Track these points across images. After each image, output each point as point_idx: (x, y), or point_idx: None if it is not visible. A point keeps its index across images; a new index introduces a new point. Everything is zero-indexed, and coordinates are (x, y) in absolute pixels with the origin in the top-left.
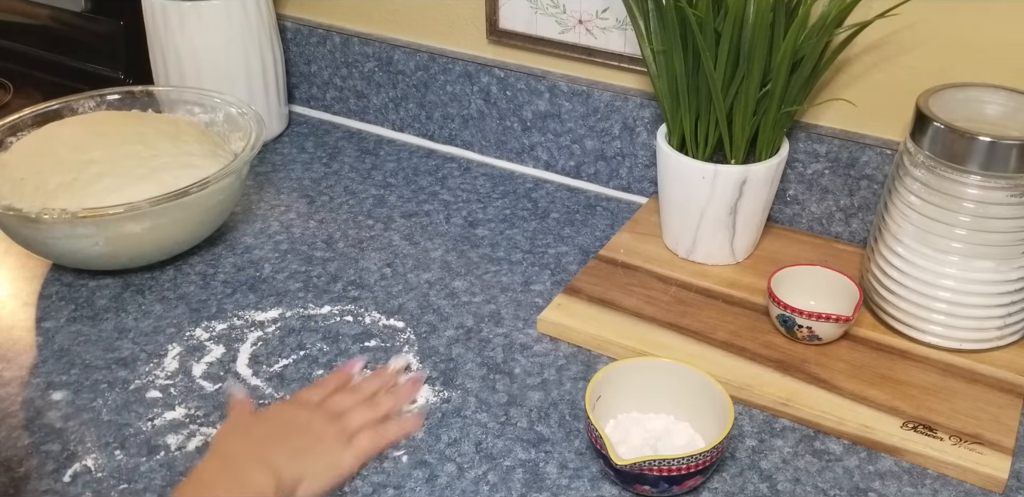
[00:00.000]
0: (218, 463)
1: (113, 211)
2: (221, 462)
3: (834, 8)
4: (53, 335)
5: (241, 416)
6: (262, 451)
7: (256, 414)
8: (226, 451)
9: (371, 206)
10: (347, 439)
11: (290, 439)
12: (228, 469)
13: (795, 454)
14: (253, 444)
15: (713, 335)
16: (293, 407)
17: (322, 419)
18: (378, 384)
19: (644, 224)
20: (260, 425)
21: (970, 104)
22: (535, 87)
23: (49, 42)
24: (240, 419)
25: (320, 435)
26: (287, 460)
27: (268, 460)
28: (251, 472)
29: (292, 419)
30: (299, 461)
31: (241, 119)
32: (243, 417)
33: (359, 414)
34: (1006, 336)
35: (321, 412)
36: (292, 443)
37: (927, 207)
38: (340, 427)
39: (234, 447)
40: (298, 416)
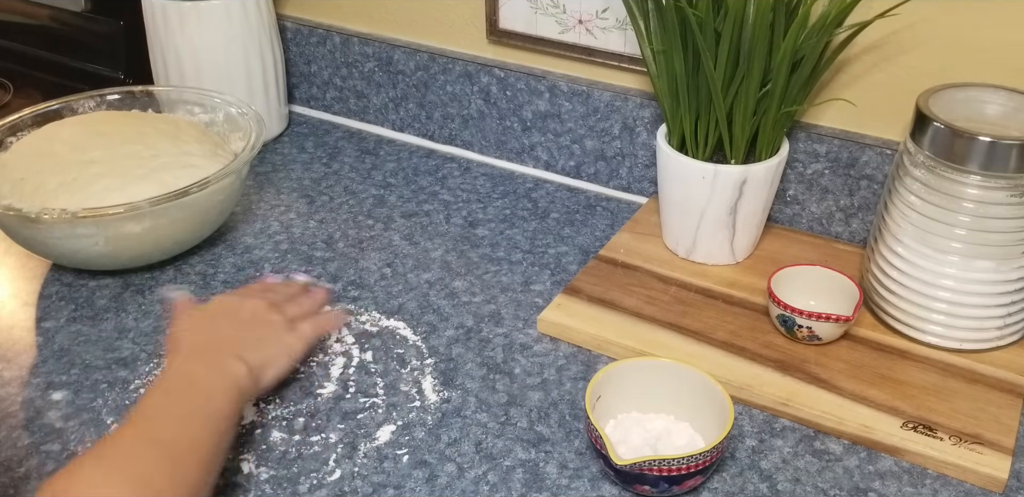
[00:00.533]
0: (191, 357)
1: (113, 211)
2: (194, 355)
3: (834, 8)
4: (53, 335)
5: (189, 314)
6: (228, 343)
7: (202, 310)
8: (191, 346)
9: (371, 206)
10: (291, 326)
11: (246, 330)
12: (204, 359)
13: (795, 454)
14: (217, 339)
15: (713, 335)
16: (235, 299)
17: (265, 309)
18: (296, 289)
19: (644, 224)
20: (213, 321)
21: (970, 104)
22: (535, 87)
23: (49, 42)
24: (189, 318)
25: (268, 324)
26: (251, 350)
27: (235, 350)
28: (227, 361)
29: (238, 311)
30: (260, 349)
31: (241, 119)
32: (191, 315)
33: (292, 306)
34: (1006, 336)
35: (262, 303)
36: (249, 333)
37: (927, 207)
38: (282, 316)
39: (199, 342)
40: (243, 307)
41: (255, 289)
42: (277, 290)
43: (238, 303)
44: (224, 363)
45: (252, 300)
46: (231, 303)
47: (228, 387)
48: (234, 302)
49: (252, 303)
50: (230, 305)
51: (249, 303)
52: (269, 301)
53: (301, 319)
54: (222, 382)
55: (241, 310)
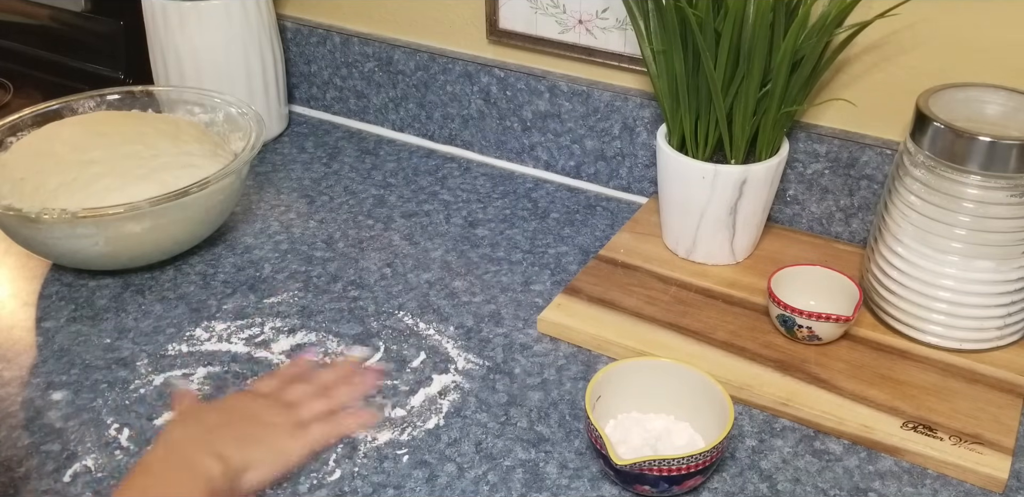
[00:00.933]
0: (163, 452)
1: (113, 211)
2: (166, 451)
3: (834, 8)
4: (53, 335)
5: (186, 408)
6: (208, 438)
7: (203, 405)
8: (172, 440)
9: (371, 206)
10: (297, 428)
11: (237, 427)
12: (173, 456)
13: (795, 454)
14: (200, 432)
15: (713, 335)
16: (244, 398)
17: (272, 409)
18: (334, 375)
19: (644, 224)
20: (207, 415)
21: (970, 104)
22: (535, 87)
23: (49, 42)
24: (186, 411)
25: (268, 424)
26: (234, 448)
27: (214, 446)
28: (197, 457)
29: (241, 409)
30: (246, 449)
31: (241, 119)
32: (188, 409)
33: (312, 404)
34: (1006, 336)
35: (271, 401)
36: (239, 431)
37: (927, 207)
38: (290, 417)
39: (179, 436)
40: (248, 406)
41: (284, 376)
42: (310, 379)
43: (245, 402)
44: (194, 459)
45: (260, 399)
46: (237, 401)
47: (194, 489)
48: (241, 401)
49: (259, 402)
50: (235, 402)
51: (256, 402)
52: (283, 400)
53: (321, 419)
54: (186, 479)
55: (245, 408)
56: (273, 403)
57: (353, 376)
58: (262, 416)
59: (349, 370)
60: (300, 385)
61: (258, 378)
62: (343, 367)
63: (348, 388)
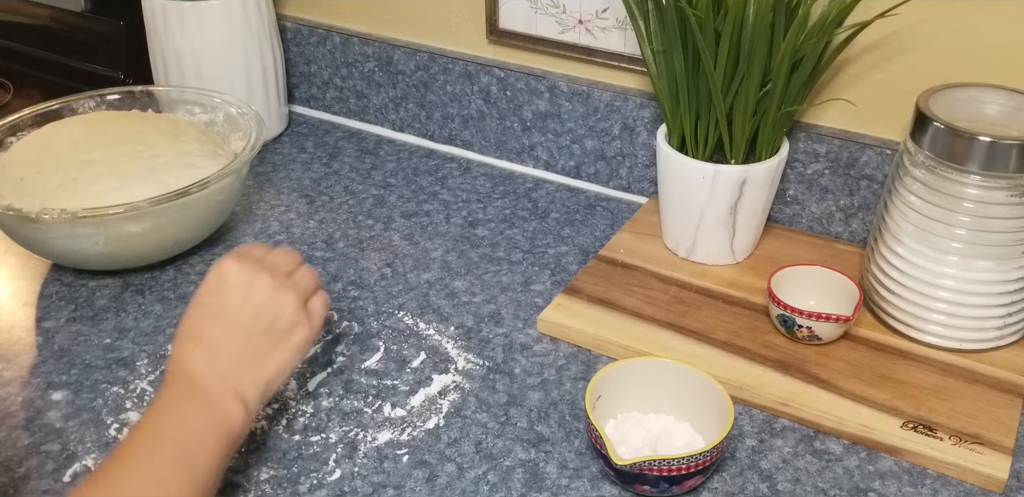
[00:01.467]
0: (189, 388)
1: (113, 211)
2: (193, 387)
3: (834, 8)
4: (53, 335)
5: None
6: (234, 368)
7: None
8: (193, 372)
9: (371, 206)
10: (304, 310)
11: (258, 337)
12: (202, 398)
13: (795, 454)
14: (223, 360)
15: (713, 335)
16: (244, 274)
17: (277, 289)
18: (290, 257)
19: (644, 224)
20: (224, 319)
21: (970, 104)
22: (535, 87)
23: (49, 42)
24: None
25: (281, 315)
26: (258, 371)
27: (239, 383)
28: (226, 403)
29: (249, 294)
30: (268, 366)
31: (241, 119)
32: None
33: (300, 276)
34: (1006, 336)
35: (271, 280)
36: (261, 343)
37: (927, 207)
38: (296, 295)
39: (202, 366)
40: (254, 287)
41: (254, 253)
42: (276, 259)
43: (248, 280)
44: (222, 406)
45: (262, 275)
46: (241, 281)
47: (220, 435)
48: (243, 279)
49: (263, 281)
50: (239, 284)
51: (260, 280)
52: (277, 278)
53: (310, 295)
54: (215, 430)
55: (252, 291)
56: (277, 284)
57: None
58: (274, 300)
59: (294, 255)
60: (273, 261)
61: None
62: (287, 253)
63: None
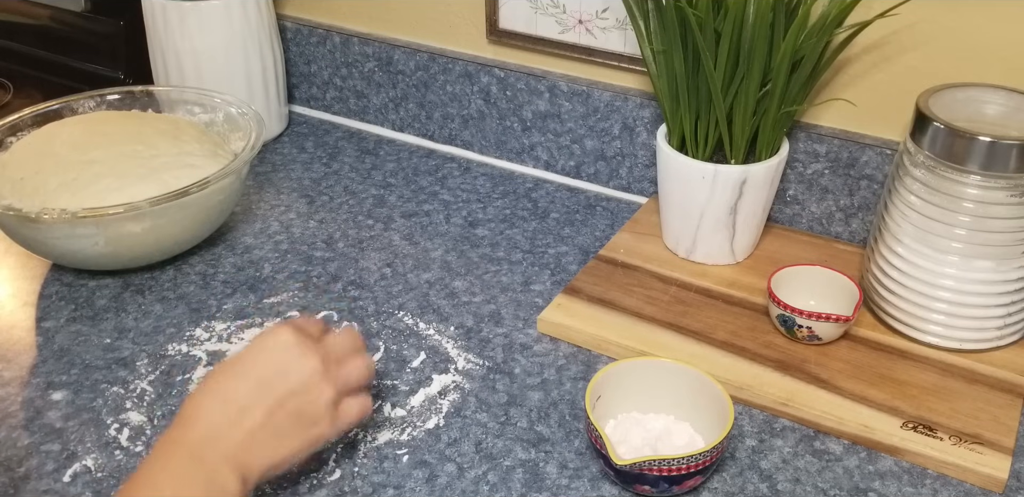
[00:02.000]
0: (190, 454)
1: (113, 211)
2: (194, 453)
3: (834, 8)
4: (53, 335)
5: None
6: (242, 442)
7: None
8: (198, 437)
9: (371, 206)
10: (336, 407)
11: (278, 418)
12: (202, 464)
13: (795, 454)
14: (232, 429)
15: (713, 335)
16: (293, 352)
17: (318, 379)
18: (347, 342)
19: (644, 224)
20: (247, 393)
21: (970, 104)
22: (535, 87)
23: (49, 42)
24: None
25: (310, 405)
26: (265, 452)
27: (244, 458)
28: (224, 476)
29: (287, 374)
30: (277, 450)
31: (241, 119)
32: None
33: (345, 369)
34: (1006, 336)
35: (318, 367)
36: (279, 424)
37: (927, 207)
38: (333, 391)
39: (210, 430)
40: (295, 368)
41: (312, 330)
42: (335, 343)
43: (297, 357)
44: (222, 482)
45: (313, 358)
46: (291, 356)
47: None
48: (293, 355)
49: (312, 363)
50: (287, 358)
51: (309, 362)
52: (326, 365)
53: (351, 393)
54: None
55: (297, 369)
56: (321, 372)
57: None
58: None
59: (355, 339)
60: (327, 347)
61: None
62: (349, 337)
63: (359, 358)
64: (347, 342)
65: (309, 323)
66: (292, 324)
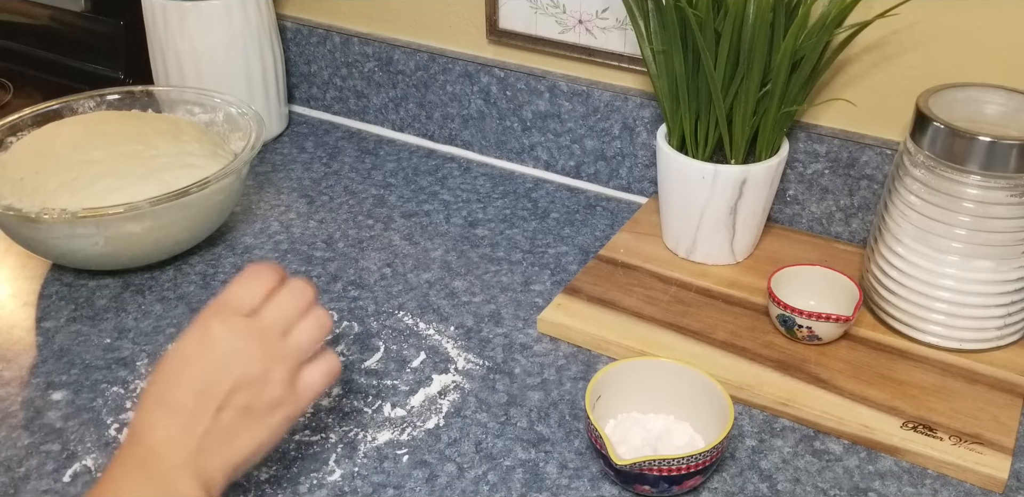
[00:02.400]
0: (142, 461)
1: (113, 211)
2: (151, 454)
3: (834, 8)
4: (53, 335)
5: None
6: (202, 436)
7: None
8: (155, 436)
9: (371, 206)
10: (293, 384)
11: (233, 413)
12: (157, 467)
13: (795, 454)
14: (193, 425)
15: (713, 335)
16: (231, 341)
17: (267, 363)
18: (298, 292)
19: (644, 224)
20: (200, 384)
21: (970, 104)
22: (535, 87)
23: (49, 42)
24: (179, 359)
25: (262, 394)
26: (226, 448)
27: (203, 456)
28: (180, 481)
29: (232, 364)
30: (236, 447)
31: (241, 119)
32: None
33: (300, 334)
34: (1006, 336)
35: (262, 351)
36: (235, 421)
37: (927, 207)
38: (286, 368)
39: (167, 432)
40: (239, 358)
41: (248, 301)
42: (277, 309)
43: (234, 349)
44: (181, 490)
45: (251, 344)
46: (226, 349)
47: None
48: (229, 347)
49: (251, 350)
50: (224, 351)
51: (249, 349)
52: (267, 344)
53: (310, 359)
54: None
55: (237, 361)
56: (268, 356)
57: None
58: (261, 376)
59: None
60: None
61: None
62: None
63: (311, 309)
64: (288, 305)
65: (246, 289)
66: (217, 307)
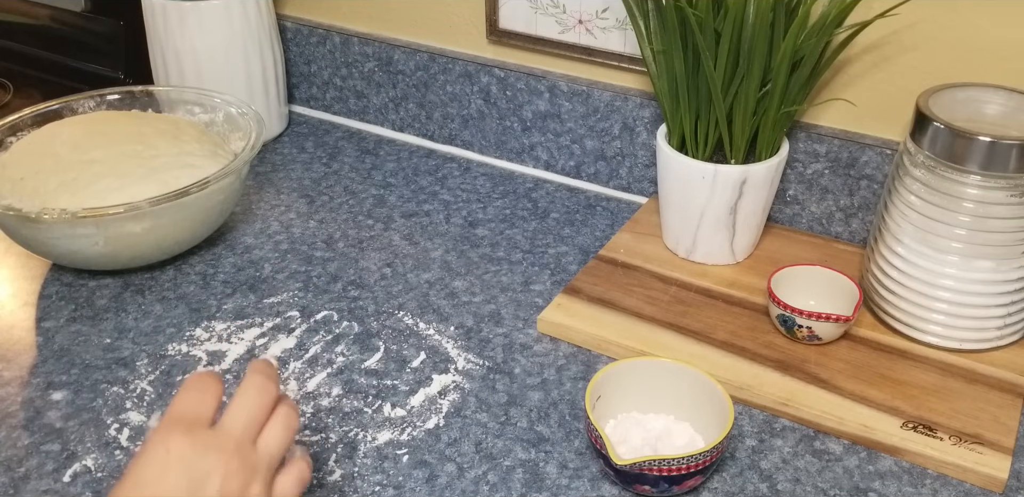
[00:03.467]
0: None
1: (113, 211)
2: None
3: (834, 8)
4: (53, 335)
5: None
6: None
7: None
8: None
9: (371, 206)
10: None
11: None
12: None
13: (795, 454)
14: None
15: (713, 335)
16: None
17: (235, 485)
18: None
19: (644, 224)
20: None
21: (970, 104)
22: (535, 87)
23: (49, 42)
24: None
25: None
26: None
27: None
28: None
29: (204, 484)
30: None
31: (241, 119)
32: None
33: (273, 438)
34: (1006, 336)
35: (228, 471)
36: None
37: (927, 207)
38: (263, 476)
39: None
40: (210, 479)
41: (204, 413)
42: (229, 423)
43: (199, 474)
44: None
45: (216, 466)
46: (191, 477)
47: None
48: (193, 474)
49: (220, 469)
50: (189, 480)
51: (215, 473)
52: (237, 456)
53: (279, 470)
54: None
55: (203, 487)
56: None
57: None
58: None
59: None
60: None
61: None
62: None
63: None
64: (252, 406)
65: (192, 399)
66: (173, 421)
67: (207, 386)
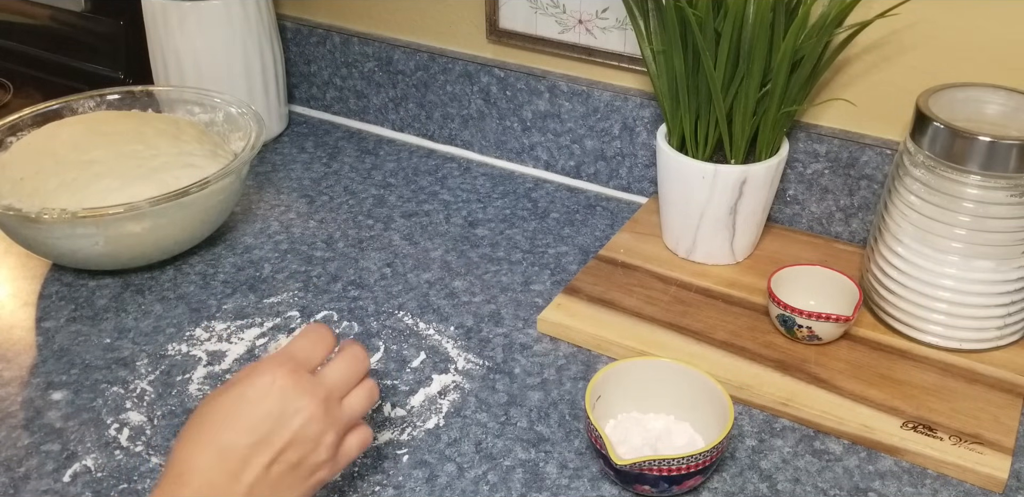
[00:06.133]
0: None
1: (113, 211)
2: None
3: (834, 8)
4: (53, 335)
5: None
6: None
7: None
8: (199, 485)
9: (371, 206)
10: (336, 450)
11: (277, 470)
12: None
13: (795, 454)
14: (238, 487)
15: (713, 335)
16: (292, 394)
17: (318, 427)
18: (352, 365)
19: (644, 224)
20: (250, 436)
21: (970, 104)
22: (535, 87)
23: (49, 42)
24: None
25: (308, 456)
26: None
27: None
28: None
29: (289, 420)
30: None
31: (241, 119)
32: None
33: (352, 403)
34: (1006, 336)
35: (319, 413)
36: (276, 479)
37: (927, 207)
38: (335, 434)
39: (211, 485)
40: (297, 415)
41: (315, 360)
42: (339, 372)
43: (297, 406)
44: None
45: (314, 404)
46: (290, 404)
47: None
48: (293, 403)
49: (309, 410)
50: (287, 406)
51: (311, 409)
52: (327, 406)
53: (352, 428)
54: None
55: (297, 418)
56: (321, 419)
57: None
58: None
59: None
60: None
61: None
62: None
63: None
64: (348, 371)
65: (313, 345)
66: (287, 358)
67: (322, 338)
